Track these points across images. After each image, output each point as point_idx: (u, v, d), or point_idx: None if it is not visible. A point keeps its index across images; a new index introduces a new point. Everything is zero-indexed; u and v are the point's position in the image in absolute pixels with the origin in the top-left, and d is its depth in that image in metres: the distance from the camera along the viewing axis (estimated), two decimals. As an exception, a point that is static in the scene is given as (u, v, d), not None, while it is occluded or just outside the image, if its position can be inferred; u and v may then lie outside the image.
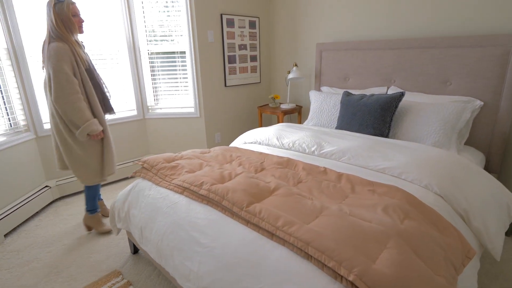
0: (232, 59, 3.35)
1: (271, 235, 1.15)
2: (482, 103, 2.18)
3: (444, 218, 1.29)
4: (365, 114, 2.21)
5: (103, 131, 2.06)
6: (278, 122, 3.35)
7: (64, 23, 1.88)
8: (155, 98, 3.25)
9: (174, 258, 1.38)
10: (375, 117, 2.17)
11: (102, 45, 2.83)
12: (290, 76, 3.13)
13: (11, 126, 2.43)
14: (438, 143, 2.01)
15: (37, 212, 2.55)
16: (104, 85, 2.13)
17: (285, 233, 1.11)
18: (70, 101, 1.86)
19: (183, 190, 1.55)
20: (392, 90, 2.56)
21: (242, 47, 3.42)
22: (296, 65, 3.15)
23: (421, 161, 1.64)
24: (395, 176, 1.63)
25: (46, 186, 2.65)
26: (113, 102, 2.26)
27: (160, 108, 3.27)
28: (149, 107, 3.25)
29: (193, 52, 3.03)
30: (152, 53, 3.10)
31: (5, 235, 2.23)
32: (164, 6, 2.96)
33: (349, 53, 2.83)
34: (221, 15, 3.14)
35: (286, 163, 1.79)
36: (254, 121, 3.76)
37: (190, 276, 1.28)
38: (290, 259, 1.05)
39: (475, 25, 2.24)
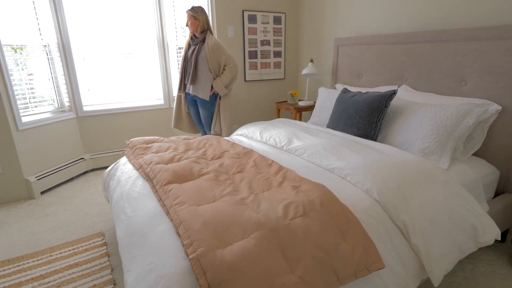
0: (253, 55, 3.43)
1: (167, 211, 1.24)
2: (500, 107, 1.80)
3: (360, 225, 1.17)
4: (351, 113, 2.06)
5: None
6: (293, 119, 3.30)
7: None
8: (181, 89, 3.55)
9: (115, 224, 1.57)
10: (360, 116, 2.00)
11: (135, 41, 3.24)
12: (304, 72, 3.06)
13: (59, 106, 3.00)
14: (427, 150, 1.76)
15: (71, 178, 3.09)
16: (185, 70, 2.81)
17: (174, 211, 1.18)
18: None
19: (140, 167, 1.74)
20: (403, 90, 2.30)
21: (265, 42, 3.47)
22: (312, 61, 3.06)
23: (374, 164, 1.48)
24: (342, 177, 1.51)
25: (82, 158, 3.18)
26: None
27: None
28: (175, 97, 3.57)
29: (212, 47, 3.22)
30: (180, 48, 3.40)
31: (42, 192, 2.78)
32: (191, 4, 3.21)
33: (363, 48, 2.63)
34: (243, 11, 3.24)
35: (243, 154, 1.82)
36: (273, 116, 3.77)
37: (119, 241, 1.45)
38: (167, 234, 1.13)
39: (497, 14, 1.87)
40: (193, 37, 2.74)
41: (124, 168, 1.89)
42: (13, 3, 2.50)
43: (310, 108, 3.21)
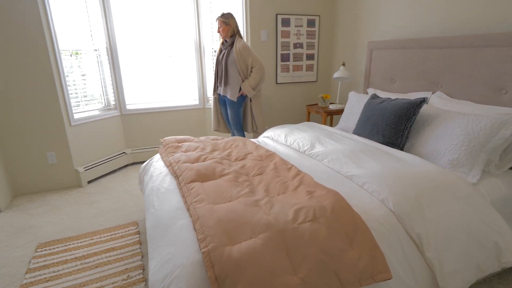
0: (285, 57, 3.47)
1: (188, 207, 1.35)
2: (543, 119, 1.67)
3: (370, 233, 1.18)
4: (378, 120, 2.03)
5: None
6: (322, 123, 3.29)
7: None
8: (215, 90, 3.71)
9: (146, 216, 1.73)
10: (386, 123, 1.96)
11: (174, 45, 3.45)
12: (335, 75, 3.04)
13: (105, 104, 3.31)
14: (456, 162, 1.69)
15: (114, 170, 3.39)
16: (217, 72, 2.97)
17: (193, 207, 1.29)
18: None
19: (169, 164, 1.89)
20: (437, 97, 2.21)
21: (298, 45, 3.49)
22: (344, 64, 3.03)
23: (393, 173, 1.47)
24: (359, 185, 1.52)
25: (124, 152, 3.47)
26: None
27: (218, 100, 3.71)
28: (209, 98, 3.74)
29: (245, 51, 3.32)
30: (215, 51, 3.55)
31: (88, 182, 3.10)
32: (226, 9, 3.34)
33: (398, 53, 2.56)
34: (277, 15, 3.30)
35: (265, 157, 1.88)
36: (303, 119, 3.78)
37: (147, 230, 1.60)
38: (186, 228, 1.24)
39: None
40: (224, 42, 2.89)
41: (157, 165, 2.06)
42: (69, 13, 2.82)
43: (340, 112, 3.18)
